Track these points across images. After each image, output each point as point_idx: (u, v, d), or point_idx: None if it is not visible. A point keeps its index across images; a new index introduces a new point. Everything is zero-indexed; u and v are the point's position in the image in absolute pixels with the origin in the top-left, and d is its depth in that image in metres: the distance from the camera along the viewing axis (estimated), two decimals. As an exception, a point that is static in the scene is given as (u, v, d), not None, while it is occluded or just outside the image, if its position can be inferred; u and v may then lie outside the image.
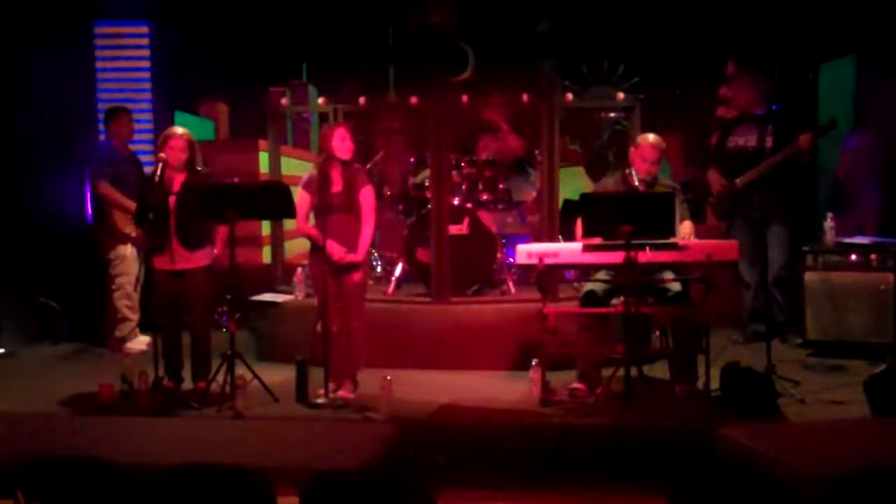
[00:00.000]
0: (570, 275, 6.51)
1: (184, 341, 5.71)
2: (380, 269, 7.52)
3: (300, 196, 5.50)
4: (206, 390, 5.48)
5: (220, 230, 5.70)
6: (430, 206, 6.67)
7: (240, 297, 6.28)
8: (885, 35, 7.03)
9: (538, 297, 5.53)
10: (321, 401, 5.38)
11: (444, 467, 4.63)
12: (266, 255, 8.17)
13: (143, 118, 7.69)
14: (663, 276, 5.45)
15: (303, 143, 9.68)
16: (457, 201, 6.95)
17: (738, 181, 6.79)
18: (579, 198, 5.57)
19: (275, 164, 7.30)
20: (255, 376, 5.52)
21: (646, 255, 5.08)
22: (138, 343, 6.85)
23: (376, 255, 7.55)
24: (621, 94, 7.28)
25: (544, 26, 9.26)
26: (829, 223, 6.57)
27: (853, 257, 6.39)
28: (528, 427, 5.08)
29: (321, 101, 7.55)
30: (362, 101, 7.15)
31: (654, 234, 5.14)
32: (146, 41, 8.00)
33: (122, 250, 6.82)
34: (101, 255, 6.88)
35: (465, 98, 6.95)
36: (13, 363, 6.90)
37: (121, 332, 6.88)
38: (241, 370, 5.42)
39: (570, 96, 7.22)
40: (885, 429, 4.50)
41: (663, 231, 5.18)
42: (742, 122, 6.96)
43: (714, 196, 6.98)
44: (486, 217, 7.09)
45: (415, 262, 6.82)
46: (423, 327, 6.42)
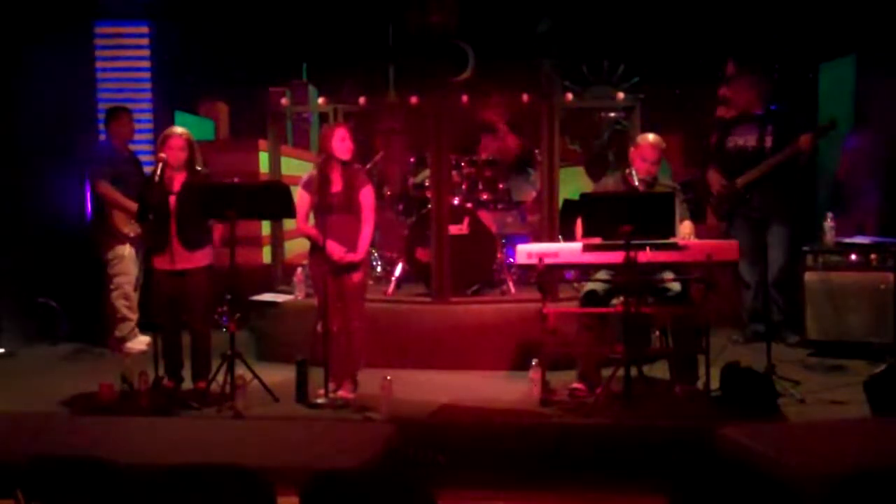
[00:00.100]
0: (570, 275, 6.51)
1: (184, 341, 5.71)
2: (380, 269, 7.52)
3: (300, 196, 5.50)
4: (206, 390, 5.48)
5: (217, 228, 5.71)
6: (430, 206, 6.67)
7: (240, 297, 6.28)
8: (885, 35, 7.02)
9: (538, 297, 5.53)
10: (321, 401, 5.38)
11: (444, 467, 4.63)
12: (266, 255, 8.17)
13: (143, 118, 7.69)
14: (663, 276, 5.45)
15: (303, 143, 9.67)
16: (457, 201, 6.95)
17: (738, 181, 6.79)
18: (579, 198, 5.57)
19: (275, 164, 7.30)
20: (255, 376, 5.53)
21: (646, 255, 5.08)
22: (138, 343, 6.86)
23: (376, 255, 7.55)
24: (621, 94, 7.28)
25: (544, 26, 9.26)
26: (829, 223, 6.57)
27: (853, 257, 6.40)
28: (528, 427, 5.08)
29: (321, 101, 7.55)
30: (362, 101, 7.16)
31: (654, 234, 5.14)
32: (146, 41, 8.01)
33: (120, 250, 6.82)
34: (99, 255, 6.88)
35: (465, 98, 6.96)
36: (13, 363, 6.89)
37: (120, 332, 6.88)
38: (241, 370, 5.42)
39: (570, 96, 7.22)
40: (885, 429, 4.50)
41: (663, 231, 5.18)
42: (742, 122, 6.96)
43: (714, 196, 6.98)
44: (486, 217, 7.09)
45: (415, 262, 6.82)
46: (423, 327, 6.42)
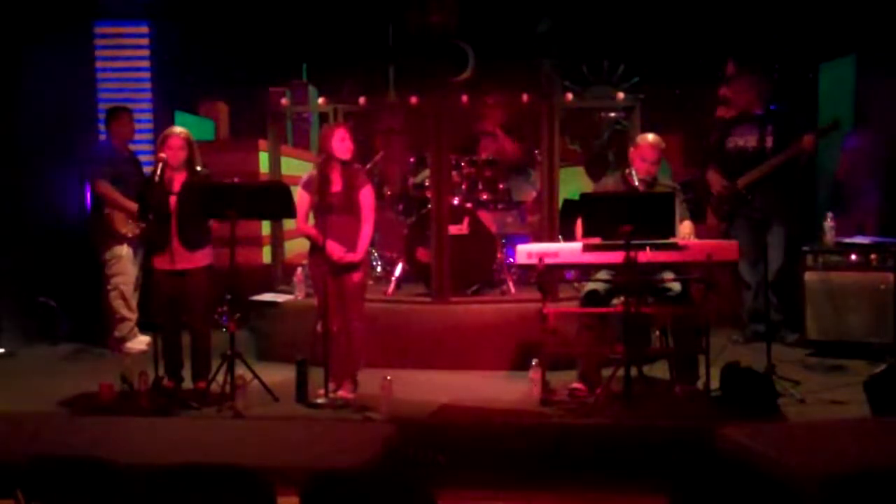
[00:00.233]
0: (570, 275, 6.51)
1: (184, 341, 5.72)
2: (380, 269, 7.52)
3: (300, 196, 5.50)
4: (206, 390, 5.48)
5: (215, 226, 5.72)
6: (430, 206, 6.67)
7: (240, 297, 6.27)
8: (885, 35, 7.02)
9: (538, 297, 5.53)
10: (321, 401, 5.37)
11: (444, 467, 4.63)
12: (266, 255, 8.16)
13: (143, 118, 7.69)
14: (663, 276, 5.45)
15: (303, 143, 9.67)
16: (457, 201, 6.95)
17: (739, 182, 6.79)
18: (579, 198, 5.57)
19: (275, 164, 7.30)
20: (255, 376, 5.53)
21: (646, 255, 5.08)
22: (138, 343, 6.86)
23: (376, 255, 7.55)
24: (621, 94, 7.27)
25: (544, 26, 9.26)
26: (829, 223, 6.57)
27: (853, 257, 6.40)
28: (528, 427, 5.08)
29: (321, 101, 7.55)
30: (362, 101, 7.15)
31: (654, 234, 5.13)
32: (146, 41, 8.01)
33: (118, 250, 6.82)
34: (96, 255, 6.88)
35: (465, 98, 6.96)
36: (13, 363, 6.89)
37: (120, 332, 6.88)
38: (241, 370, 5.42)
39: (570, 96, 7.22)
40: (885, 429, 4.50)
41: (663, 231, 5.18)
42: (742, 123, 6.95)
43: (714, 196, 6.98)
44: (486, 217, 7.09)
45: (415, 262, 6.82)
46: (423, 327, 6.42)
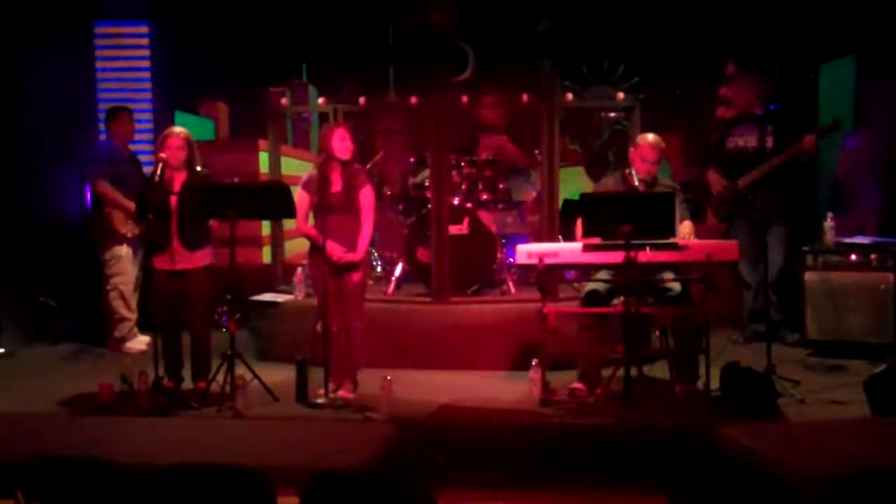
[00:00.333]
0: (570, 275, 6.51)
1: (184, 341, 5.72)
2: (380, 269, 7.52)
3: (300, 196, 5.50)
4: (206, 390, 5.48)
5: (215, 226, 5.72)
6: (430, 206, 6.67)
7: (240, 297, 6.27)
8: (885, 35, 7.02)
9: (538, 297, 5.53)
10: (321, 401, 5.37)
11: (444, 467, 4.63)
12: (266, 255, 8.16)
13: (143, 118, 7.69)
14: (663, 276, 5.45)
15: (303, 143, 9.67)
16: (457, 201, 6.95)
17: (739, 182, 6.79)
18: (579, 198, 5.57)
19: (275, 164, 7.30)
20: (255, 376, 5.53)
21: (646, 255, 5.07)
22: (138, 343, 6.86)
23: (376, 255, 7.55)
24: (621, 94, 7.27)
25: (544, 26, 9.26)
26: (829, 223, 6.57)
27: (853, 257, 6.39)
28: (528, 427, 5.08)
29: (321, 101, 7.55)
30: (362, 101, 7.15)
31: (654, 234, 5.13)
32: (146, 41, 8.01)
33: (117, 250, 6.82)
34: (96, 255, 6.88)
35: (465, 98, 6.96)
36: (13, 363, 6.89)
37: (119, 332, 6.88)
38: (241, 370, 5.42)
39: (570, 96, 7.22)
40: (885, 429, 4.50)
41: (663, 231, 5.18)
42: (741, 123, 6.95)
43: (715, 197, 6.97)
44: (486, 217, 7.09)
45: (415, 262, 6.82)
46: (423, 327, 6.42)
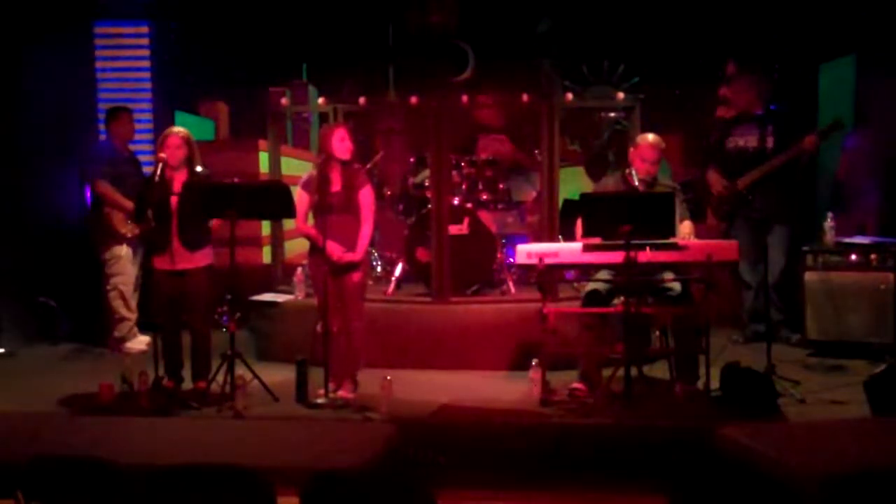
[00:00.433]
0: (570, 275, 6.51)
1: (184, 341, 5.72)
2: (380, 269, 7.52)
3: (299, 196, 5.50)
4: (206, 390, 5.49)
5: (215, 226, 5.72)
6: (430, 206, 6.67)
7: (240, 297, 6.27)
8: (885, 35, 7.02)
9: (538, 297, 5.53)
10: (321, 401, 5.37)
11: (444, 467, 4.63)
12: (266, 255, 8.16)
13: (143, 118, 7.69)
14: (663, 276, 5.45)
15: (303, 143, 9.67)
16: (457, 201, 6.95)
17: (739, 182, 6.78)
18: (579, 198, 5.57)
19: (275, 164, 7.30)
20: (255, 376, 5.53)
21: (646, 255, 5.07)
22: (138, 343, 6.85)
23: (376, 255, 7.55)
24: (621, 94, 7.28)
25: (544, 26, 9.26)
26: (829, 223, 6.57)
27: (853, 257, 6.39)
28: (528, 427, 5.08)
29: (321, 101, 7.54)
30: (362, 101, 7.15)
31: (654, 234, 5.13)
32: (146, 41, 8.01)
33: (117, 250, 6.82)
34: (96, 255, 6.88)
35: (465, 98, 6.96)
36: (13, 363, 6.89)
37: (119, 332, 6.88)
38: (241, 370, 5.42)
39: (570, 96, 7.22)
40: (885, 429, 4.50)
41: (663, 231, 5.18)
42: (742, 123, 6.94)
43: (715, 197, 6.97)
44: (486, 217, 7.09)
45: (415, 262, 6.82)
46: (423, 327, 6.42)
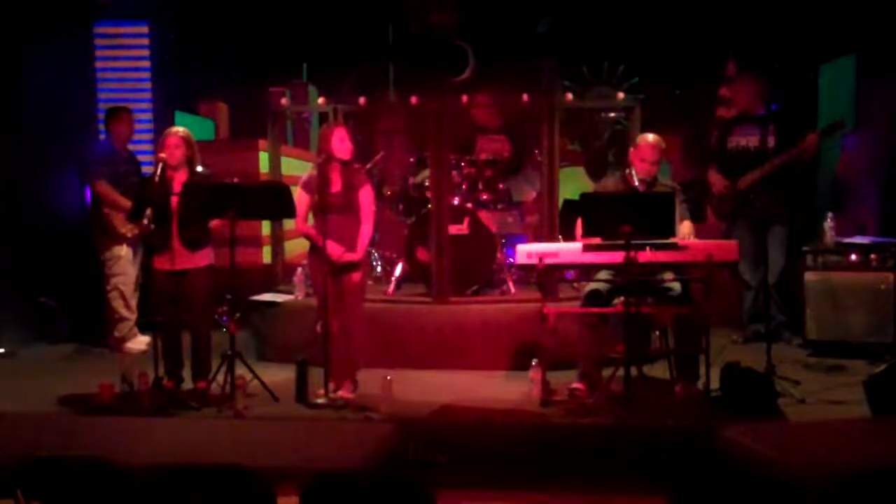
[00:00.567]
0: (570, 275, 6.51)
1: (184, 341, 5.72)
2: (380, 269, 7.52)
3: (299, 196, 5.50)
4: (206, 390, 5.49)
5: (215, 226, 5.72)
6: (430, 206, 6.68)
7: (240, 297, 6.28)
8: (885, 35, 7.01)
9: (538, 297, 5.53)
10: (321, 401, 5.37)
11: (445, 467, 4.63)
12: (266, 255, 8.16)
13: (143, 118, 7.69)
14: (664, 276, 5.45)
15: (303, 143, 9.67)
16: (457, 201, 6.95)
17: (740, 182, 6.77)
18: (579, 198, 5.57)
19: (275, 164, 7.30)
20: (255, 376, 5.53)
21: (646, 255, 5.07)
22: (138, 343, 6.85)
23: (376, 255, 7.55)
24: (621, 94, 7.28)
25: (544, 26, 9.26)
26: (829, 223, 6.57)
27: (853, 257, 6.39)
28: (528, 427, 5.08)
29: (321, 101, 7.54)
30: (362, 101, 7.15)
31: (654, 234, 5.13)
32: (146, 41, 8.01)
33: (117, 250, 6.81)
34: (96, 255, 6.88)
35: (465, 98, 6.96)
36: (13, 363, 6.89)
37: (119, 332, 6.87)
38: (241, 370, 5.42)
39: (570, 96, 7.22)
40: (885, 429, 4.49)
41: (663, 231, 5.17)
42: (742, 122, 6.94)
43: (715, 197, 6.96)
44: (486, 217, 7.10)
45: (415, 262, 6.82)
46: (423, 327, 6.42)
